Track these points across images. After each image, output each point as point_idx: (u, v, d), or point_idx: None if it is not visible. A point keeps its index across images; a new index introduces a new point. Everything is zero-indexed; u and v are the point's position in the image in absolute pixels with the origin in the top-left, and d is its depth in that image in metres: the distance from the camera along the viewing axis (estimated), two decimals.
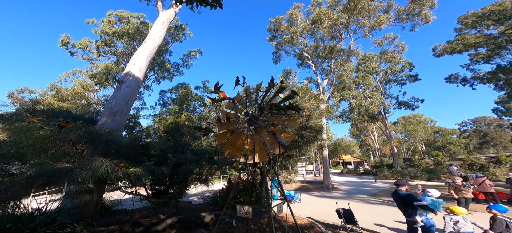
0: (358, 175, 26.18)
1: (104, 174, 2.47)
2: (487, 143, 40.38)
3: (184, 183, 5.53)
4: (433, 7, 15.63)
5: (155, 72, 22.85)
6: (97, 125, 4.93)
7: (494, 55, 15.51)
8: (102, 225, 3.96)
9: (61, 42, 17.93)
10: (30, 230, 2.34)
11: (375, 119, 24.99)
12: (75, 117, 4.51)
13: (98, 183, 3.20)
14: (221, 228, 5.06)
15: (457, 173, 11.08)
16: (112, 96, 6.37)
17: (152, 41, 8.27)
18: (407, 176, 18.86)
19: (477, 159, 18.88)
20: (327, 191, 13.49)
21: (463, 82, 18.54)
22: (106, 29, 18.06)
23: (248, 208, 3.52)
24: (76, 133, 2.69)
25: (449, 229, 3.39)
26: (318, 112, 11.66)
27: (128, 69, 7.07)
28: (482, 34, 15.71)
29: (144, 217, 5.19)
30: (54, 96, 15.28)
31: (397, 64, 24.74)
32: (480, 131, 42.64)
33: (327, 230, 5.35)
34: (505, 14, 14.20)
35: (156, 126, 21.56)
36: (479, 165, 18.25)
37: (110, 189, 4.17)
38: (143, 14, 20.15)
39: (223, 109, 4.96)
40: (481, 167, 18.06)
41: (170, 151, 5.21)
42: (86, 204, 3.36)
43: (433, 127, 40.45)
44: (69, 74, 19.63)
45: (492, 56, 15.71)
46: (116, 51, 19.70)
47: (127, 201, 5.87)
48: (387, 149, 39.12)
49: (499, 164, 17.97)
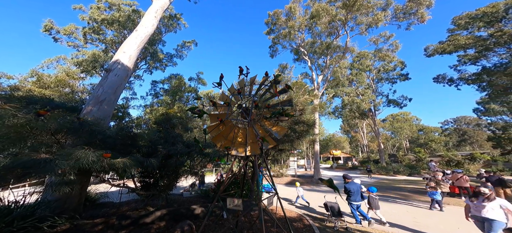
0: (346, 170, 27.13)
1: (88, 165, 2.36)
2: (465, 141, 42.90)
3: (174, 175, 5.45)
4: (430, 6, 15.85)
5: (146, 62, 21.98)
6: (82, 113, 4.67)
7: (481, 57, 16.12)
8: (87, 218, 3.84)
9: (44, 28, 16.71)
10: (5, 224, 2.21)
11: (365, 116, 25.70)
12: (57, 105, 4.25)
13: (81, 175, 3.07)
14: (212, 221, 5.09)
15: (434, 168, 11.83)
16: (99, 85, 6.05)
17: (144, 29, 7.87)
18: (391, 171, 19.80)
19: (454, 156, 20.13)
20: (317, 185, 13.90)
21: (450, 83, 19.27)
22: (95, 16, 16.99)
23: (238, 200, 3.54)
24: (56, 122, 2.52)
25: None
26: (311, 107, 11.76)
27: (117, 57, 6.72)
28: (473, 35, 16.19)
29: (132, 209, 5.10)
30: (35, 83, 14.37)
31: (390, 63, 25.24)
32: (460, 130, 45.09)
33: (314, 222, 5.53)
34: (497, 16, 14.62)
35: (147, 116, 20.99)
36: (456, 161, 19.47)
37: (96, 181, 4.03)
38: (136, 2, 19.08)
39: (217, 101, 4.86)
40: (458, 163, 19.29)
41: (160, 142, 5.08)
42: (69, 197, 3.22)
43: (418, 125, 42.33)
44: (52, 60, 18.46)
45: (479, 58, 16.33)
46: (105, 39, 18.66)
47: (114, 193, 5.74)
48: (374, 145, 40.63)
49: (474, 160, 19.33)
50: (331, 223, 5.37)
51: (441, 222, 5.64)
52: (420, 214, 6.43)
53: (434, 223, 5.53)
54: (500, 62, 15.24)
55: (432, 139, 38.49)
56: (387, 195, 9.78)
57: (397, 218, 6.00)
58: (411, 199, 8.57)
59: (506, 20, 14.61)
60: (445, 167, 18.27)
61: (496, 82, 15.66)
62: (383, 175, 19.23)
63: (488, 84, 16.58)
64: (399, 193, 10.21)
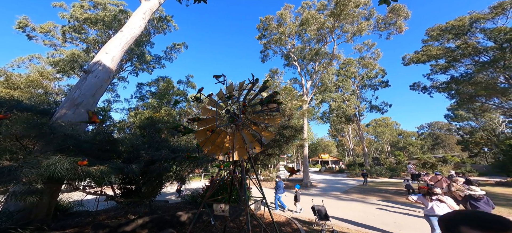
0: (334, 173, 27.91)
1: (60, 173, 2.18)
2: (438, 145, 46.44)
3: (158, 181, 5.21)
4: (407, 18, 17.28)
5: (132, 63, 21.11)
6: (54, 117, 4.32)
7: (449, 67, 17.78)
8: (57, 228, 3.49)
9: (17, 25, 15.44)
10: None
11: (351, 121, 26.85)
12: (26, 107, 3.91)
13: (51, 183, 2.81)
14: (199, 227, 4.91)
15: (410, 170, 12.72)
16: (76, 86, 5.67)
17: (130, 30, 7.58)
18: (374, 173, 20.76)
19: (429, 158, 21.69)
20: (306, 188, 14.09)
21: (423, 90, 20.94)
22: (77, 14, 16.06)
23: (225, 206, 3.47)
24: (22, 126, 2.30)
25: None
26: (300, 112, 12.06)
27: (98, 58, 6.37)
28: (443, 47, 17.85)
29: (110, 218, 4.75)
30: (2, 83, 13.08)
31: (372, 70, 26.84)
32: (434, 134, 48.78)
33: (302, 226, 5.58)
34: (463, 29, 16.30)
35: (131, 120, 19.97)
36: (431, 163, 20.99)
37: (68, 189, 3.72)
38: (123, 2, 18.42)
39: (205, 106, 4.80)
40: (432, 165, 20.79)
41: (143, 148, 4.85)
42: (36, 206, 2.92)
43: (397, 130, 45.14)
44: (24, 59, 17.01)
45: (448, 68, 17.99)
46: (87, 39, 17.66)
47: (91, 201, 5.32)
48: (359, 149, 42.44)
49: (446, 162, 21.02)
50: (318, 226, 5.46)
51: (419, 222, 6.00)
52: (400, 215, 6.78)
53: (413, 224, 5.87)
54: (466, 72, 16.90)
55: (410, 142, 41.21)
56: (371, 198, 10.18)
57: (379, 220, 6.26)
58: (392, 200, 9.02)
59: (471, 33, 16.34)
60: (421, 169, 19.55)
61: (463, 90, 17.30)
62: (367, 178, 20.04)
63: (456, 93, 18.26)
64: (382, 195, 10.69)
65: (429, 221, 3.71)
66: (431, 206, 3.66)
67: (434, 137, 47.59)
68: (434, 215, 3.60)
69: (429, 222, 3.70)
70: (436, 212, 3.57)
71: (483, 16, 15.48)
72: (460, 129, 26.62)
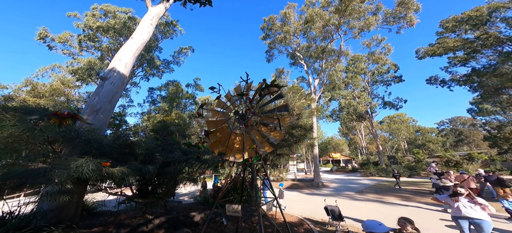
0: (346, 172, 27.13)
1: (88, 174, 2.35)
2: (462, 141, 43.53)
3: (172, 182, 5.40)
4: (418, 11, 16.47)
5: (143, 69, 22.03)
6: (77, 123, 4.65)
7: (470, 58, 16.66)
8: (84, 227, 3.76)
9: (38, 36, 16.68)
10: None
11: (362, 118, 26.00)
12: None
13: (78, 184, 3.03)
14: (212, 227, 5.02)
15: (431, 169, 12.03)
16: (94, 93, 6.03)
17: (139, 37, 7.93)
18: (390, 172, 19.86)
19: (452, 156, 20.34)
20: (317, 188, 13.85)
21: (442, 84, 19.77)
22: (90, 23, 17.06)
23: (237, 206, 3.52)
24: (53, 131, 2.51)
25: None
26: (308, 111, 11.88)
27: (112, 65, 6.73)
28: (460, 38, 16.80)
29: (130, 218, 5.00)
30: (29, 92, 14.21)
31: (383, 66, 25.83)
32: (456, 130, 45.81)
33: (315, 227, 5.50)
34: (481, 19, 15.25)
35: (144, 124, 20.82)
36: (454, 161, 19.66)
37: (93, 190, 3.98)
38: (131, 9, 19.31)
39: (214, 108, 4.90)
40: (456, 163, 19.49)
41: (157, 150, 5.06)
42: (66, 206, 3.16)
43: (414, 126, 42.93)
44: (47, 69, 18.35)
45: (468, 60, 16.86)
46: (101, 47, 18.70)
47: (112, 202, 5.64)
48: (373, 147, 40.89)
49: (472, 160, 19.53)
50: (332, 227, 5.35)
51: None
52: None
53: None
54: (489, 64, 15.75)
55: (430, 139, 38.96)
56: (388, 198, 9.78)
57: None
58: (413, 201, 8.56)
59: (491, 23, 15.23)
60: (444, 167, 18.42)
61: (487, 83, 16.12)
62: (383, 177, 19.26)
63: (479, 85, 17.05)
64: (401, 195, 10.21)
65: (456, 222, 3.50)
66: (457, 206, 3.45)
67: (456, 133, 44.73)
68: (461, 216, 3.38)
69: (457, 223, 3.48)
70: (463, 213, 3.34)
71: (502, 5, 14.41)
72: (486, 123, 24.62)
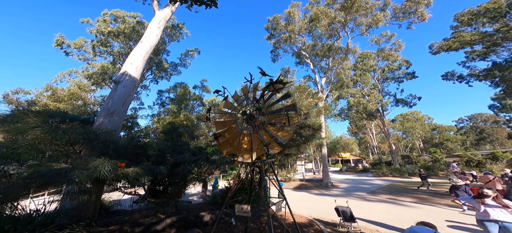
0: (357, 172, 26.38)
1: (105, 174, 2.48)
2: (484, 139, 40.87)
3: (183, 182, 5.53)
4: (429, 5, 15.75)
5: (152, 72, 22.75)
6: (94, 125, 4.89)
7: (489, 52, 15.67)
8: (101, 225, 3.95)
9: (55, 42, 17.71)
10: (28, 231, 2.33)
11: (373, 117, 25.17)
12: (72, 117, 4.48)
13: (96, 183, 3.19)
14: (221, 228, 5.08)
15: (453, 169, 11.34)
16: (109, 97, 6.32)
17: (148, 40, 8.20)
18: (405, 173, 19.05)
19: (474, 156, 19.12)
20: (326, 189, 13.59)
21: (460, 80, 18.72)
22: (102, 28, 17.88)
23: (247, 207, 3.54)
24: (73, 133, 2.67)
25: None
26: (316, 110, 11.70)
27: (124, 69, 7.02)
28: (478, 31, 15.87)
29: (143, 217, 5.19)
30: (50, 97, 15.14)
31: (394, 62, 24.90)
32: (477, 128, 43.11)
33: (326, 228, 5.40)
34: (500, 12, 14.34)
35: (155, 126, 21.47)
36: (476, 161, 18.47)
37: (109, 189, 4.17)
38: (139, 13, 20.02)
39: (221, 109, 4.97)
40: (478, 163, 18.30)
41: (168, 151, 5.20)
42: (85, 205, 3.35)
43: (430, 124, 40.87)
44: (64, 74, 19.46)
45: (487, 54, 15.87)
46: (113, 51, 19.54)
47: (127, 201, 5.87)
48: (385, 146, 39.43)
49: (496, 160, 18.21)
50: (343, 228, 5.23)
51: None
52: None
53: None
54: (511, 57, 14.74)
55: (448, 138, 36.90)
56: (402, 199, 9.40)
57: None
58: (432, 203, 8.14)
59: (511, 15, 14.27)
60: (464, 167, 17.37)
61: (509, 77, 15.09)
62: (397, 177, 18.52)
63: (501, 80, 15.99)
64: (416, 196, 9.75)
65: (482, 226, 3.29)
66: (485, 210, 3.24)
67: (477, 131, 42.12)
68: (489, 220, 3.18)
69: (484, 227, 3.27)
70: (492, 217, 3.14)
71: None
72: (510, 120, 22.94)
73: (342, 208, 5.34)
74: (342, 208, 5.34)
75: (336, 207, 5.50)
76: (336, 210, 5.45)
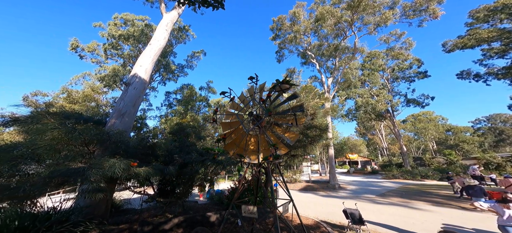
0: (365, 174, 25.68)
1: (119, 173, 2.56)
2: (503, 141, 38.58)
3: (190, 183, 5.61)
4: (441, 2, 15.11)
5: (160, 73, 23.32)
6: (106, 126, 5.08)
7: (509, 49, 14.81)
8: (112, 223, 4.09)
9: (70, 46, 18.57)
10: (45, 228, 2.45)
11: (382, 117, 24.42)
12: (86, 118, 4.67)
13: (109, 182, 3.31)
14: (227, 228, 5.10)
15: (472, 172, 10.75)
16: (120, 98, 6.54)
17: (156, 43, 8.42)
18: (417, 175, 18.31)
19: (493, 158, 18.08)
20: (333, 190, 13.32)
21: (476, 78, 17.79)
22: (113, 32, 18.55)
23: (253, 208, 3.54)
24: (88, 134, 2.80)
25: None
26: (323, 111, 11.52)
27: (134, 71, 7.25)
28: (495, 28, 15.06)
29: (152, 216, 5.31)
30: (65, 99, 15.89)
31: (404, 61, 24.07)
32: (496, 129, 40.78)
33: (333, 230, 5.30)
34: None
35: (162, 126, 21.97)
36: (495, 164, 17.46)
37: (119, 188, 4.31)
38: (147, 17, 20.60)
39: (228, 110, 5.00)
40: (498, 166, 17.29)
41: (176, 152, 5.31)
42: (98, 203, 3.48)
43: (444, 125, 39.06)
44: (79, 77, 20.36)
45: (507, 51, 15.00)
46: (123, 54, 20.22)
47: (136, 200, 6.04)
48: (396, 148, 38.15)
49: None
50: (352, 231, 5.11)
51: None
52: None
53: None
54: None
55: (464, 139, 35.13)
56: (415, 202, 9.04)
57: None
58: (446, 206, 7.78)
59: None
60: (483, 171, 16.45)
61: None
62: (409, 180, 17.84)
63: None
64: (430, 199, 9.34)
65: (505, 232, 3.13)
66: (509, 215, 3.07)
67: (496, 132, 39.86)
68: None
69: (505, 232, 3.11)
70: None
71: None
72: None
73: (350, 210, 5.21)
74: (351, 210, 5.21)
75: (344, 209, 5.37)
76: (344, 212, 5.32)
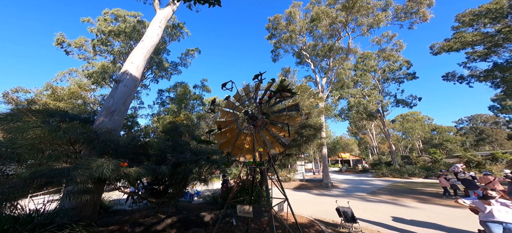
0: (356, 173, 26.38)
1: (107, 174, 2.44)
2: (483, 140, 40.93)
3: (183, 182, 5.50)
4: (431, 5, 15.72)
5: (153, 71, 22.68)
6: (94, 124, 4.86)
7: (491, 53, 15.66)
8: (102, 225, 3.92)
9: (56, 41, 17.64)
10: (28, 231, 2.30)
11: (373, 117, 25.15)
12: (72, 116, 4.44)
13: (97, 183, 3.17)
14: (222, 228, 5.05)
15: (456, 170, 11.33)
16: (109, 96, 6.28)
17: (149, 40, 8.15)
18: (405, 173, 19.05)
19: (473, 156, 19.11)
20: (326, 189, 13.57)
21: (460, 80, 18.70)
22: (102, 28, 17.79)
23: (248, 207, 3.51)
24: (74, 132, 2.64)
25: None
26: (317, 110, 11.66)
27: (125, 68, 6.98)
28: (479, 32, 15.86)
29: (143, 217, 5.16)
30: (50, 96, 15.06)
31: (395, 63, 24.88)
32: (476, 128, 43.17)
33: (327, 228, 5.38)
34: (502, 12, 14.33)
35: (155, 125, 21.42)
36: (476, 162, 18.46)
37: (109, 189, 4.14)
38: (140, 13, 19.94)
39: (222, 108, 4.93)
40: (478, 164, 18.29)
41: (169, 151, 5.17)
42: (85, 205, 3.32)
43: (430, 125, 40.88)
44: (65, 73, 19.38)
45: (489, 54, 15.86)
46: (113, 50, 19.46)
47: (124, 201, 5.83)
48: (385, 147, 39.43)
49: (496, 161, 18.24)
50: (345, 229, 5.21)
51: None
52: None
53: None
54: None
55: (447, 139, 36.92)
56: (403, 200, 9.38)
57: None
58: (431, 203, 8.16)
59: None
60: (465, 169, 17.38)
61: (510, 78, 15.08)
62: (397, 178, 18.51)
63: (502, 81, 15.99)
64: (417, 197, 9.74)
65: (486, 228, 3.29)
66: (490, 211, 3.23)
67: (477, 131, 42.19)
68: (494, 221, 3.17)
69: (487, 228, 3.27)
70: (497, 218, 3.13)
71: None
72: (510, 121, 23.03)
73: (343, 209, 5.32)
74: (344, 209, 5.32)
75: (337, 208, 5.47)
76: (337, 210, 5.42)
